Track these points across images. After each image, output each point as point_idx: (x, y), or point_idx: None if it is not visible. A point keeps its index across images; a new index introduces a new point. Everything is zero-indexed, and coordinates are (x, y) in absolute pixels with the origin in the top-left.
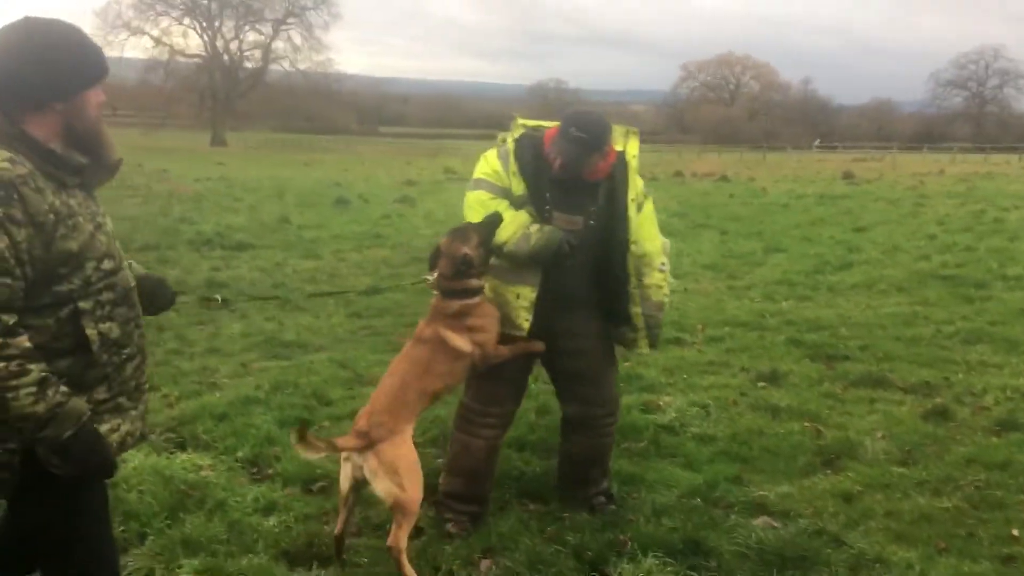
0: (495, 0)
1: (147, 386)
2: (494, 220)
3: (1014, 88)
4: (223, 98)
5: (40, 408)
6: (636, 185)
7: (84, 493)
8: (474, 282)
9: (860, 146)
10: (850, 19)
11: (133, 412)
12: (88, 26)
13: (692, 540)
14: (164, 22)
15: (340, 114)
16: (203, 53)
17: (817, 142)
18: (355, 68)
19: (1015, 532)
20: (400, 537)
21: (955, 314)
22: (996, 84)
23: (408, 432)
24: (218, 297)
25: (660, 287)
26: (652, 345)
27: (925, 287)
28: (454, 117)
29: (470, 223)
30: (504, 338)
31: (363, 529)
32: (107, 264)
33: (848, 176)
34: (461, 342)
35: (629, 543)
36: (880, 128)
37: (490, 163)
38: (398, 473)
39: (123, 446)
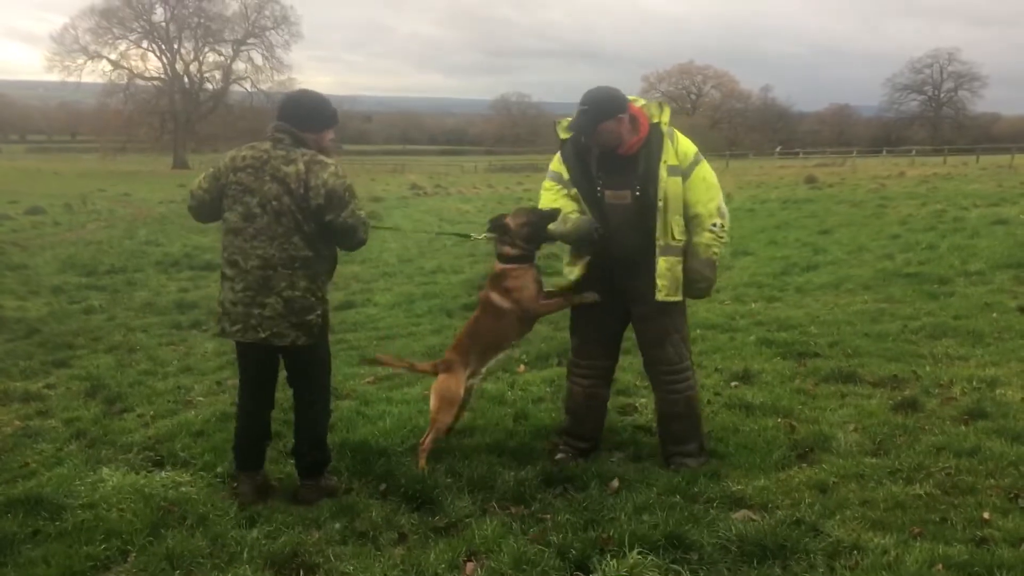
0: (458, 16)
1: None
2: (551, 213)
3: (968, 91)
4: (184, 120)
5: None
6: (672, 151)
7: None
8: (508, 249)
9: (821, 151)
10: (807, 25)
11: None
12: (45, 51)
13: (674, 535)
14: (122, 45)
15: None
16: (163, 76)
17: (779, 149)
18: (318, 87)
19: (986, 515)
20: (427, 441)
21: (920, 310)
22: (951, 87)
23: (461, 373)
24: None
25: (709, 246)
26: (695, 296)
27: (890, 285)
28: (417, 134)
29: (530, 207)
30: (556, 293)
31: (348, 538)
32: None
33: (811, 181)
34: (499, 301)
35: (611, 541)
36: (840, 133)
37: (555, 158)
38: (438, 398)
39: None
